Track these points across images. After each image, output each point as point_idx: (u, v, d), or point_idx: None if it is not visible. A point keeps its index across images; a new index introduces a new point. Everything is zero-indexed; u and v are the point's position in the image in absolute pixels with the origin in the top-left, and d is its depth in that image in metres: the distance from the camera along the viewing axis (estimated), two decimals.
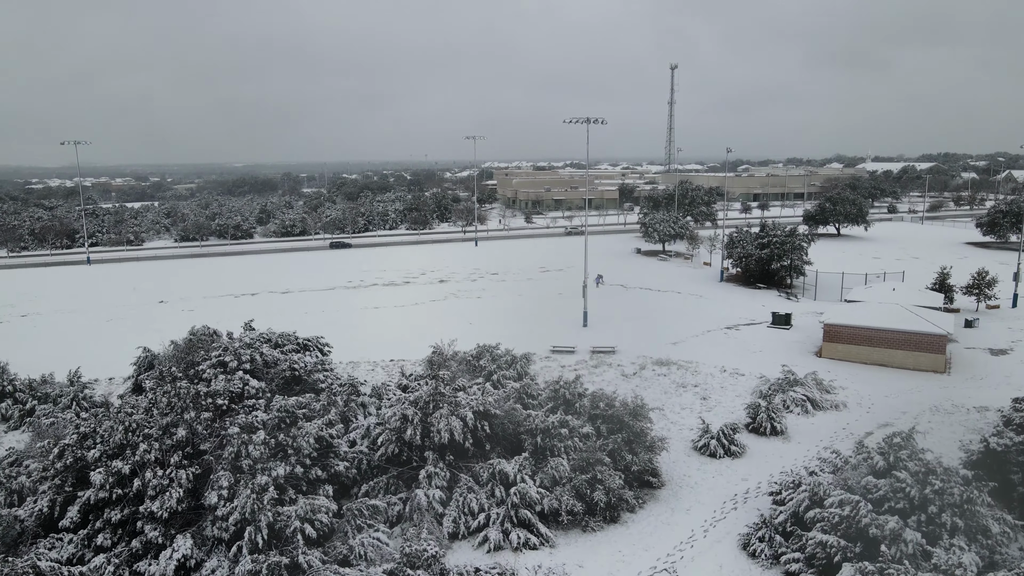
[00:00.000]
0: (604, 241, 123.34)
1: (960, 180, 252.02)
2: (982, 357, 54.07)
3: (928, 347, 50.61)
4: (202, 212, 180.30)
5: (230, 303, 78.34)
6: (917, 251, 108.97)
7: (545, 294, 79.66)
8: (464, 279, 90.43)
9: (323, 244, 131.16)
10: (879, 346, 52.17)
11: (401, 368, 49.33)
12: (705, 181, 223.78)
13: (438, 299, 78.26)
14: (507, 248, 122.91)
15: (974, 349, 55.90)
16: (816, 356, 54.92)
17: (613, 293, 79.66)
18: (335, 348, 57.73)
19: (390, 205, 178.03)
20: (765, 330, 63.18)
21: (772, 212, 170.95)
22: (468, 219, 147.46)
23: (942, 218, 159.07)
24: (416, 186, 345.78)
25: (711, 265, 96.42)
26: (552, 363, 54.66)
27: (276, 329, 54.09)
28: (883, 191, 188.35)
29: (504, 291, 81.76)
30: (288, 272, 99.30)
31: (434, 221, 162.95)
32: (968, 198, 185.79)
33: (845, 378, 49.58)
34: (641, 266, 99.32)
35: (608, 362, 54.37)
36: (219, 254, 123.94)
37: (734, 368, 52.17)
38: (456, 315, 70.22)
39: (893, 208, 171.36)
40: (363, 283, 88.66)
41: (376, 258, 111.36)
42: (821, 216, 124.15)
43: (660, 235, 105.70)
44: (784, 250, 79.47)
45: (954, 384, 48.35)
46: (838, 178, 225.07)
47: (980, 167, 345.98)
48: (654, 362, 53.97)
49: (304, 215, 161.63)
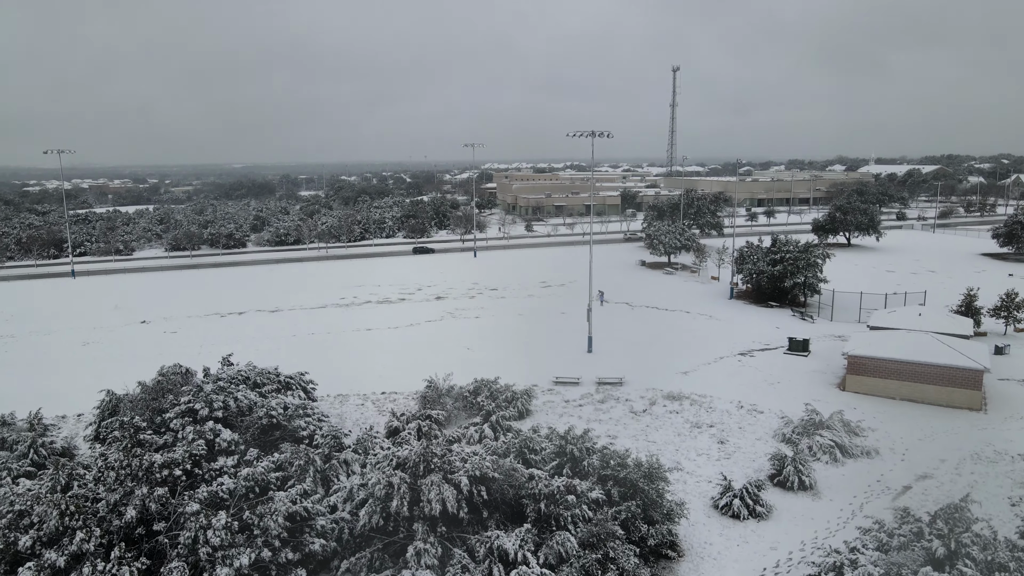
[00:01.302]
0: (607, 251, 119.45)
1: (967, 184, 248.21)
2: (1018, 391, 50.20)
3: (963, 383, 46.74)
4: (196, 218, 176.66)
5: (215, 324, 74.45)
6: (932, 263, 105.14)
7: (547, 313, 75.80)
8: (462, 295, 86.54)
9: (316, 255, 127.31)
10: (909, 380, 48.32)
11: (392, 409, 45.47)
12: (708, 186, 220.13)
13: (434, 319, 74.38)
14: (507, 259, 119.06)
15: (1008, 381, 52.05)
16: (839, 389, 51.05)
17: (618, 312, 75.80)
18: (323, 379, 54.04)
19: (387, 212, 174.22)
20: (781, 357, 59.31)
21: (779, 219, 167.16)
22: (467, 227, 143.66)
23: (953, 225, 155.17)
24: (415, 189, 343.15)
25: (719, 280, 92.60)
26: (555, 397, 50.79)
27: (258, 361, 50.32)
28: (891, 197, 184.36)
29: (504, 310, 77.89)
30: (279, 287, 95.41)
31: (432, 228, 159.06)
32: (979, 204, 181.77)
33: (873, 416, 45.74)
34: (646, 280, 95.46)
35: (615, 396, 50.50)
36: (210, 265, 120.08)
37: (752, 404, 48.30)
38: (453, 338, 66.37)
39: (902, 215, 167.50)
40: (356, 300, 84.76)
41: (371, 271, 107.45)
42: (831, 226, 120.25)
43: (665, 247, 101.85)
44: (798, 267, 75.59)
45: (992, 424, 44.49)
46: (844, 182, 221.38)
47: (985, 170, 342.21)
48: (665, 396, 50.11)
49: (299, 222, 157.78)
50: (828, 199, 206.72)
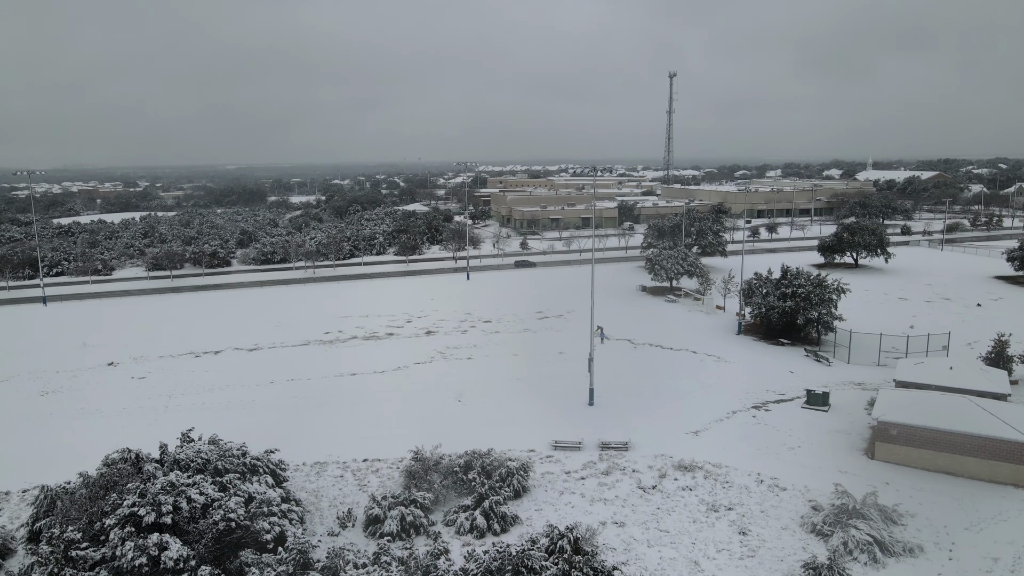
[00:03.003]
0: (605, 272, 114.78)
1: (969, 193, 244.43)
2: None
3: (1007, 456, 42.11)
4: (181, 231, 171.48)
5: (188, 365, 69.39)
6: (944, 287, 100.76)
7: (544, 354, 70.95)
8: (453, 329, 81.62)
9: (302, 276, 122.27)
10: (946, 451, 43.67)
11: (372, 494, 40.52)
12: (707, 196, 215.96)
13: (423, 361, 69.45)
14: (501, 281, 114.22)
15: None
16: (867, 456, 46.36)
17: (619, 352, 71.02)
18: (299, 442, 49.35)
19: (378, 226, 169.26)
20: (799, 412, 54.60)
21: (782, 233, 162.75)
22: (460, 243, 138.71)
23: (960, 242, 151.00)
24: (408, 195, 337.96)
25: (724, 309, 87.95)
26: (555, 466, 45.95)
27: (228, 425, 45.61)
28: (894, 209, 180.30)
29: (498, 349, 73.01)
30: (261, 316, 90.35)
31: (424, 245, 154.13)
32: (985, 217, 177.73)
33: (909, 495, 41.04)
34: (648, 309, 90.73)
35: (621, 465, 45.70)
36: (191, 287, 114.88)
37: (772, 477, 43.55)
38: (445, 385, 61.53)
39: (907, 229, 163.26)
40: (340, 336, 79.75)
41: (359, 297, 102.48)
42: (838, 246, 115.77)
43: (668, 273, 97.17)
44: (811, 302, 70.96)
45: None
46: (844, 192, 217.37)
47: (984, 176, 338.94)
48: (675, 466, 45.34)
49: (287, 238, 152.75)
50: (829, 210, 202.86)
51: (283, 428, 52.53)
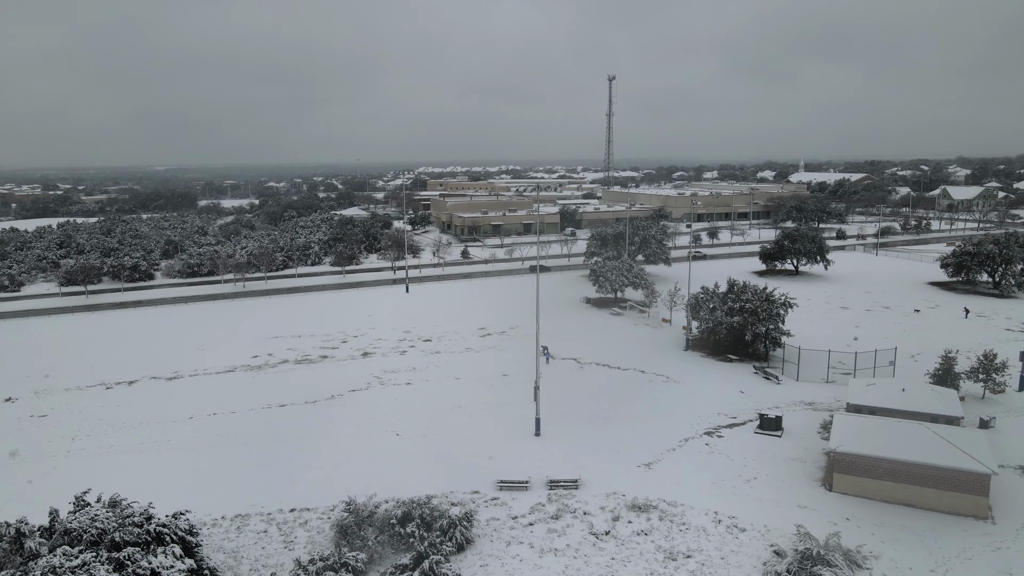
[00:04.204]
0: (548, 283, 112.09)
1: (896, 195, 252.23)
2: (1020, 486, 44.68)
3: (967, 487, 40.77)
4: (101, 241, 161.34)
5: (97, 399, 63.33)
6: (883, 294, 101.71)
7: (487, 376, 67.53)
8: (391, 350, 77.41)
9: (231, 290, 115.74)
10: (905, 482, 42.12)
11: (297, 558, 36.29)
12: (648, 200, 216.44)
13: (359, 387, 65.16)
14: (442, 294, 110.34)
15: (1005, 467, 46.55)
16: (825, 488, 44.52)
17: (565, 373, 68.19)
18: (219, 491, 44.77)
19: (313, 234, 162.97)
20: (752, 437, 52.66)
21: (722, 238, 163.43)
22: (399, 252, 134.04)
23: (892, 245, 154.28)
24: (346, 199, 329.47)
25: (671, 323, 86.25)
26: (500, 511, 42.56)
27: (135, 477, 40.66)
28: (829, 213, 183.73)
29: (438, 372, 69.25)
30: (182, 339, 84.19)
31: (362, 254, 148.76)
32: (914, 221, 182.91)
33: (871, 533, 39.22)
34: (593, 323, 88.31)
35: (572, 507, 42.65)
36: (108, 305, 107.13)
37: (731, 516, 41.16)
38: (381, 417, 57.48)
39: (842, 233, 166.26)
40: (270, 360, 74.60)
41: (292, 314, 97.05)
42: (779, 254, 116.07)
43: (612, 284, 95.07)
44: (759, 318, 69.61)
45: (1005, 540, 38.52)
46: (781, 196, 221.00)
47: (908, 178, 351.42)
48: (629, 506, 42.57)
49: (216, 248, 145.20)
50: (767, 213, 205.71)
51: (201, 473, 47.71)
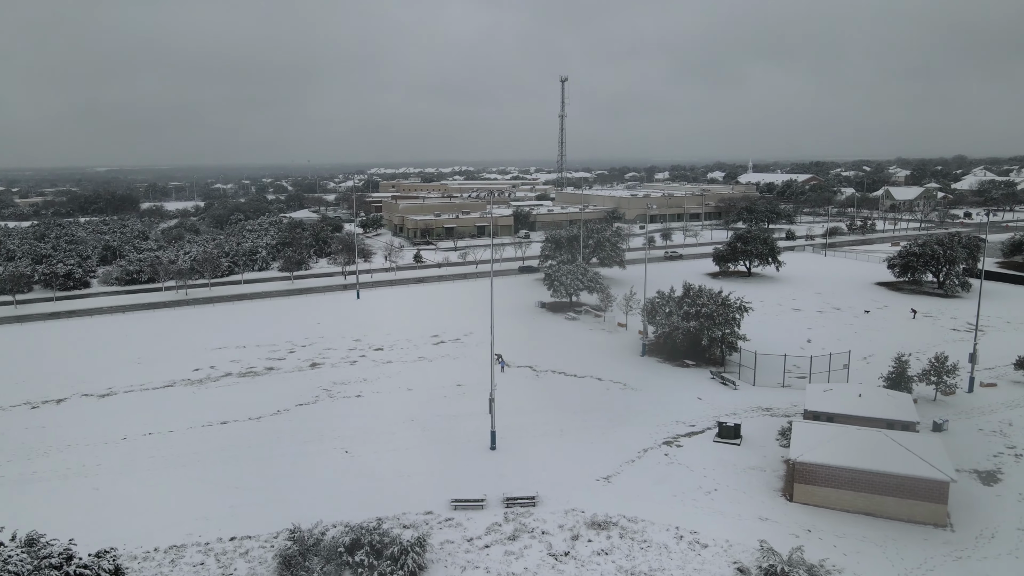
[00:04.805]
0: (503, 287, 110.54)
1: (841, 196, 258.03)
2: (975, 491, 44.72)
3: (927, 495, 40.51)
4: (34, 247, 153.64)
5: (21, 420, 59.25)
6: (833, 295, 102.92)
7: (441, 386, 65.50)
8: (341, 360, 74.73)
9: (173, 298, 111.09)
10: (865, 491, 41.68)
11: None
12: (601, 202, 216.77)
13: (307, 401, 62.45)
14: (394, 299, 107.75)
15: (960, 471, 46.59)
16: (785, 499, 43.84)
17: (521, 381, 66.62)
18: (154, 520, 41.95)
19: (261, 238, 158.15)
20: (711, 446, 51.85)
21: (675, 240, 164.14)
22: (350, 257, 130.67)
23: (840, 246, 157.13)
24: (296, 201, 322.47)
25: (627, 327, 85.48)
26: (455, 532, 40.68)
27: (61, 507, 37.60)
28: (778, 214, 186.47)
29: (390, 383, 66.93)
30: (118, 352, 79.90)
31: (311, 258, 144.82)
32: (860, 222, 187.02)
33: (833, 545, 38.58)
34: (548, 329, 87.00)
35: (529, 526, 41.02)
36: (38, 316, 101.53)
37: (692, 532, 40.07)
38: (329, 433, 54.97)
39: (791, 234, 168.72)
40: (212, 373, 71.18)
41: (237, 323, 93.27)
42: (732, 255, 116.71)
43: (567, 289, 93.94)
44: (715, 322, 69.17)
45: (965, 548, 38.28)
46: (731, 197, 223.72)
47: (852, 178, 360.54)
48: (588, 523, 41.14)
49: (157, 253, 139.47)
50: (718, 214, 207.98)
51: (133, 500, 44.62)
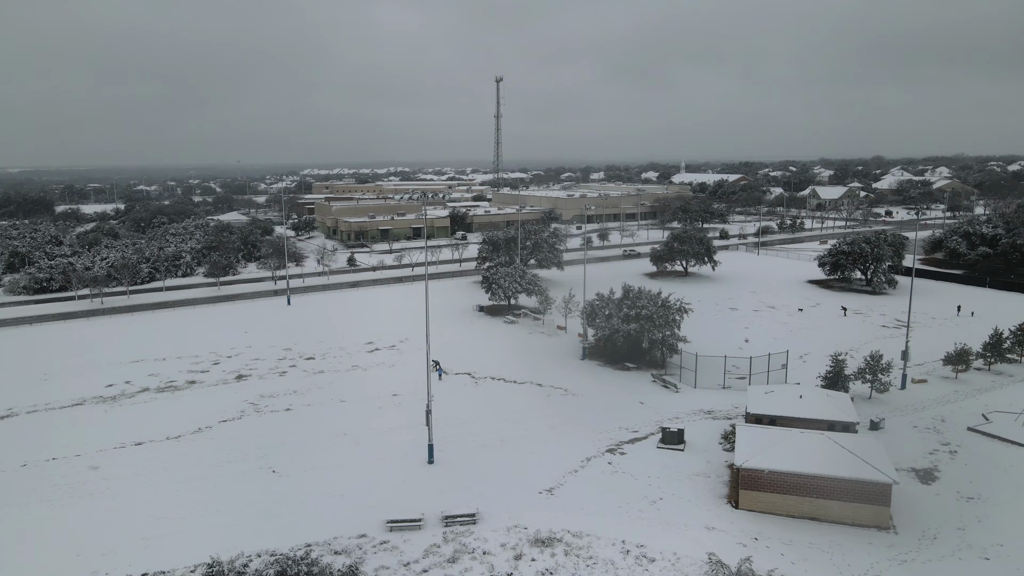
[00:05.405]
0: (440, 291, 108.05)
1: (771, 196, 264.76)
2: (914, 490, 44.86)
3: (870, 498, 40.23)
4: None
5: None
6: (768, 294, 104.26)
7: (376, 397, 62.67)
8: (270, 371, 70.94)
9: (87, 307, 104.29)
10: (810, 495, 41.17)
11: None
12: (538, 203, 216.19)
13: (231, 417, 58.67)
14: (327, 305, 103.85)
15: (899, 471, 46.70)
16: (731, 505, 43.00)
17: (459, 390, 64.38)
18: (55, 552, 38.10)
19: (185, 242, 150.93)
20: (655, 453, 50.80)
21: (612, 240, 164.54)
22: (280, 261, 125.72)
23: (771, 244, 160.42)
24: (224, 203, 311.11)
25: (566, 330, 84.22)
26: (391, 557, 38.21)
27: None
28: (711, 213, 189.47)
29: (322, 395, 63.71)
30: (21, 368, 73.90)
31: (240, 263, 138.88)
32: (789, 220, 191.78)
33: (780, 553, 37.80)
34: (487, 333, 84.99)
35: (470, 547, 38.89)
36: None
37: (639, 545, 38.67)
38: (256, 451, 51.59)
39: (725, 233, 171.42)
40: (128, 388, 66.36)
41: (156, 333, 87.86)
42: (669, 255, 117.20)
43: (505, 292, 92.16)
44: (655, 324, 68.47)
45: (909, 551, 38.06)
46: (666, 197, 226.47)
47: (779, 178, 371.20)
48: (532, 540, 39.28)
49: (71, 259, 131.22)
50: (653, 214, 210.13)
51: (31, 536, 40.45)
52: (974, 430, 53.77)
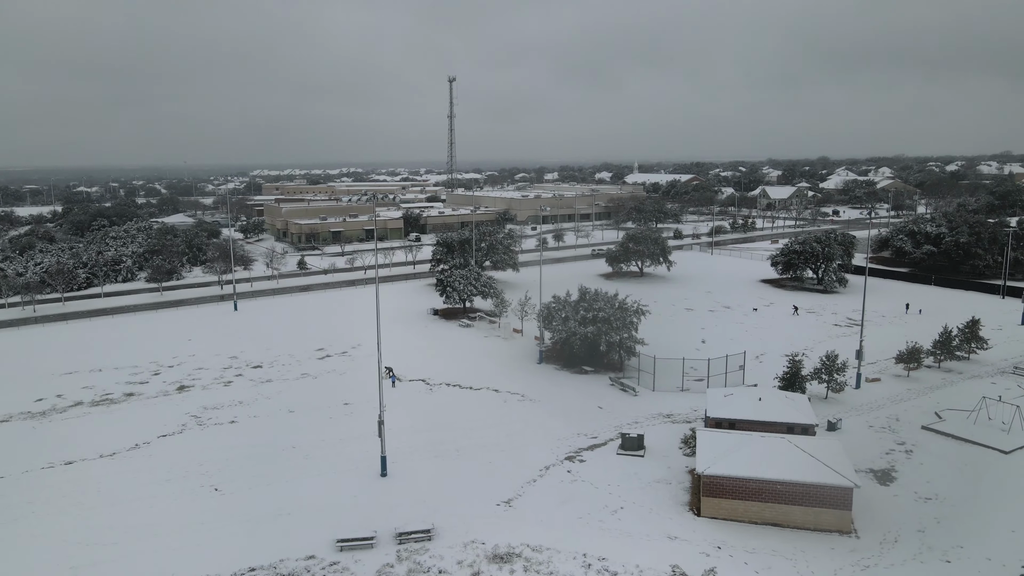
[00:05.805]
0: (393, 294, 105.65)
1: (722, 195, 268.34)
2: (873, 492, 44.64)
3: (831, 502, 39.74)
4: None
5: None
6: (722, 294, 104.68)
7: (326, 406, 60.29)
8: (214, 381, 67.82)
9: (18, 316, 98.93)
10: (772, 501, 40.52)
11: None
12: (493, 203, 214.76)
13: (172, 431, 55.63)
14: (275, 310, 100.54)
15: (858, 472, 46.50)
16: (693, 513, 42.10)
17: (413, 397, 62.44)
18: None
19: (127, 246, 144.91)
20: (615, 459, 49.73)
21: (567, 241, 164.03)
22: (227, 264, 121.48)
23: (724, 244, 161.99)
24: (170, 205, 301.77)
25: (523, 333, 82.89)
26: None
27: None
28: (665, 213, 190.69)
29: (269, 405, 61.02)
30: None
31: (184, 267, 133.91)
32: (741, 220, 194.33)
33: (745, 562, 36.96)
34: (441, 337, 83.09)
35: (425, 565, 37.09)
36: None
37: (600, 558, 37.39)
38: (197, 468, 48.84)
39: (679, 233, 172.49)
40: (59, 403, 62.58)
41: (92, 342, 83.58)
42: (624, 256, 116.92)
43: (460, 295, 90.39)
44: (612, 326, 67.57)
45: (871, 556, 37.63)
46: (620, 197, 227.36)
47: (730, 178, 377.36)
48: (490, 557, 37.69)
49: (1, 264, 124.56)
50: (608, 214, 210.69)
51: None
52: (928, 428, 54.15)
